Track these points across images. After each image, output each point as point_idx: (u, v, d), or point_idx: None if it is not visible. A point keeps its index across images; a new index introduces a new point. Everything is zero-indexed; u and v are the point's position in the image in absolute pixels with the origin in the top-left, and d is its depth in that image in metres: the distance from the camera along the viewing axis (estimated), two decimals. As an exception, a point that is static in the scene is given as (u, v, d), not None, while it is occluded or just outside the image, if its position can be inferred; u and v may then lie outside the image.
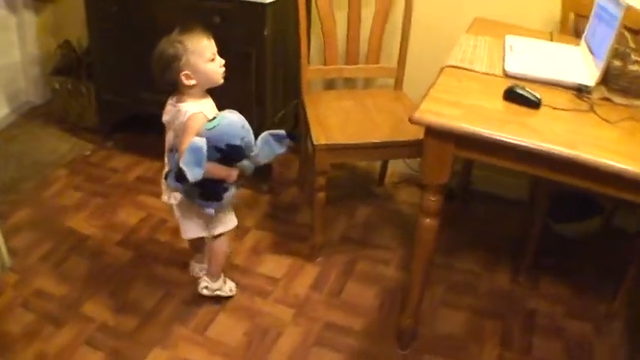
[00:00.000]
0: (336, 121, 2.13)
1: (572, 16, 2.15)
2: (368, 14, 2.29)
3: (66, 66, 2.93)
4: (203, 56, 1.68)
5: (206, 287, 2.04)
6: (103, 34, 2.60)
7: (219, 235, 1.94)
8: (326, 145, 1.99)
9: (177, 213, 1.90)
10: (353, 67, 2.36)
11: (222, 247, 1.99)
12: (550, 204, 2.06)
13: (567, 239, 2.36)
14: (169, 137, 1.81)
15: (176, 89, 1.74)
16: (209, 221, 1.90)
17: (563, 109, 1.51)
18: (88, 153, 2.87)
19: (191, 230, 1.92)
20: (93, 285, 2.12)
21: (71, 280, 2.14)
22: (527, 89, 1.54)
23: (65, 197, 2.58)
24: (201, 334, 1.95)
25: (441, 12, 2.37)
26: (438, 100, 1.51)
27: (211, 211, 1.79)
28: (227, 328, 1.97)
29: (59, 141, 2.94)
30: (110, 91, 2.71)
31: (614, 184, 1.34)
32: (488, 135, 1.37)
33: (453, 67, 1.73)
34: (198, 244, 2.10)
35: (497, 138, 1.37)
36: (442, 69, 1.73)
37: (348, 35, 2.31)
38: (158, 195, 2.50)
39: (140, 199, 2.57)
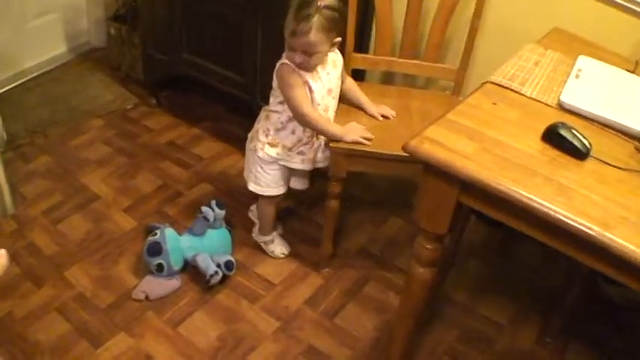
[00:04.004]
0: (368, 121, 1.84)
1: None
2: (432, 4, 1.96)
3: (125, 13, 2.81)
4: (288, 26, 1.58)
5: (255, 234, 2.08)
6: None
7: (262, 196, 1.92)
8: (345, 149, 1.72)
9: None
10: (406, 61, 2.04)
11: (263, 208, 1.98)
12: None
13: (615, 305, 1.95)
14: None
15: None
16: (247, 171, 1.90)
17: (615, 167, 1.16)
18: (129, 107, 2.77)
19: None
20: (85, 250, 2.02)
21: (65, 240, 2.06)
22: (577, 131, 1.19)
23: (91, 150, 2.49)
24: (173, 328, 1.79)
25: (519, 14, 1.97)
26: (452, 127, 1.20)
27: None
28: (201, 328, 1.79)
29: (105, 89, 2.85)
30: (154, 46, 2.56)
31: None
32: (494, 186, 1.06)
33: (497, 84, 1.40)
34: None
35: (506, 192, 1.05)
36: (483, 84, 1.41)
37: (405, 24, 1.99)
38: (183, 164, 2.42)
39: (163, 166, 2.42)
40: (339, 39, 1.67)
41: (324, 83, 1.70)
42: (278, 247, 2.05)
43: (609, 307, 1.95)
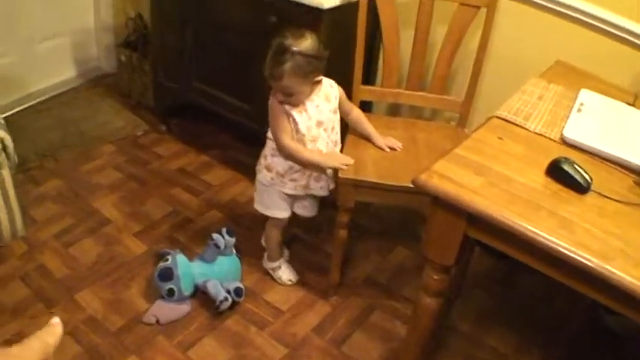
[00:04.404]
0: (375, 152, 1.89)
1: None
2: (439, 37, 2.03)
3: (135, 40, 2.89)
4: (266, 69, 1.66)
5: (265, 261, 2.11)
6: (165, 16, 2.51)
7: (269, 218, 1.97)
8: (353, 180, 1.77)
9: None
10: (412, 93, 2.10)
11: (269, 232, 2.02)
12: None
13: (616, 335, 1.97)
14: None
15: None
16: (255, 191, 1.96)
17: (615, 200, 1.20)
18: (139, 133, 2.83)
19: None
20: (96, 273, 2.06)
21: (76, 264, 2.09)
22: (578, 165, 1.24)
23: (102, 175, 2.54)
24: (183, 352, 1.81)
25: (523, 46, 2.04)
26: (460, 161, 1.25)
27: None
28: (211, 352, 1.82)
29: (115, 115, 2.92)
30: (164, 73, 2.63)
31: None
32: (501, 220, 1.10)
33: (502, 119, 1.45)
34: None
35: (512, 226, 1.09)
36: (489, 119, 1.46)
37: (412, 56, 2.06)
38: (192, 191, 2.46)
39: (173, 193, 2.47)
40: (320, 78, 1.72)
41: (310, 115, 1.73)
42: (285, 274, 2.08)
43: (611, 338, 1.97)
